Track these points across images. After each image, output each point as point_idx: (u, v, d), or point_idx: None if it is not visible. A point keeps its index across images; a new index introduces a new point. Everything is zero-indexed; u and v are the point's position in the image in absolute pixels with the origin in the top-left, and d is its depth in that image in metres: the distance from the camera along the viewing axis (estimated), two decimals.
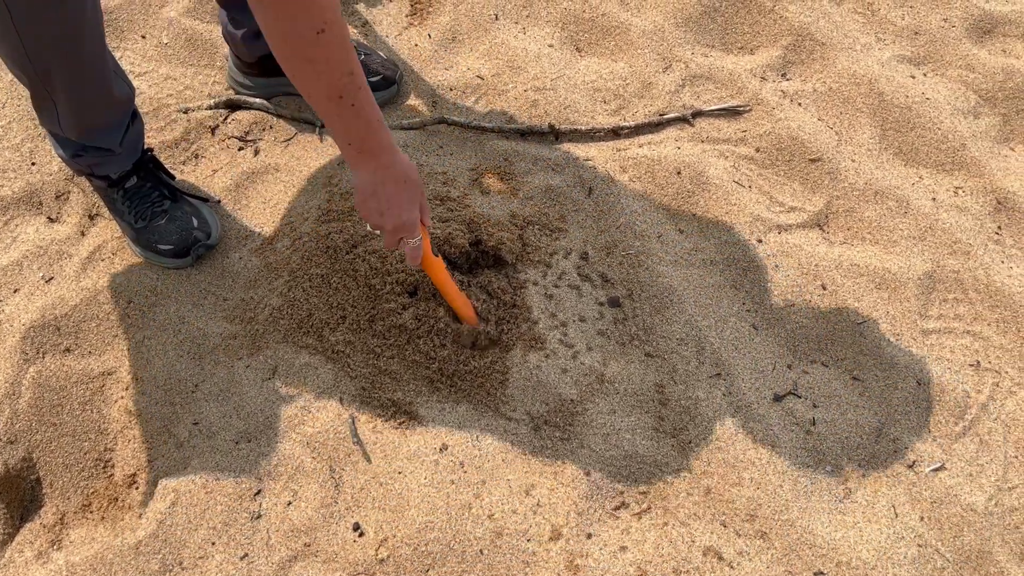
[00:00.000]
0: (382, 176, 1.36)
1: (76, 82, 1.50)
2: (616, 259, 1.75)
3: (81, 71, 1.49)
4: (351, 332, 1.64)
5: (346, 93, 1.25)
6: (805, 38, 2.13)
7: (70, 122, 1.58)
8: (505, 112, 2.01)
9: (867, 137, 1.96)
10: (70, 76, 1.47)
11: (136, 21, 2.16)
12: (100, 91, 1.56)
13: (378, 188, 1.37)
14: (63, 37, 1.40)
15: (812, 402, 1.59)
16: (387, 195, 1.37)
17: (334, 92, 1.25)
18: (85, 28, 1.42)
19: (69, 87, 1.49)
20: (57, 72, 1.45)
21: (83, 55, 1.46)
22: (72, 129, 1.60)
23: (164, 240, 1.74)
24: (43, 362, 1.64)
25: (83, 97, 1.54)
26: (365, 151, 1.33)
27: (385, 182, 1.36)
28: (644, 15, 2.22)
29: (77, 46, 1.44)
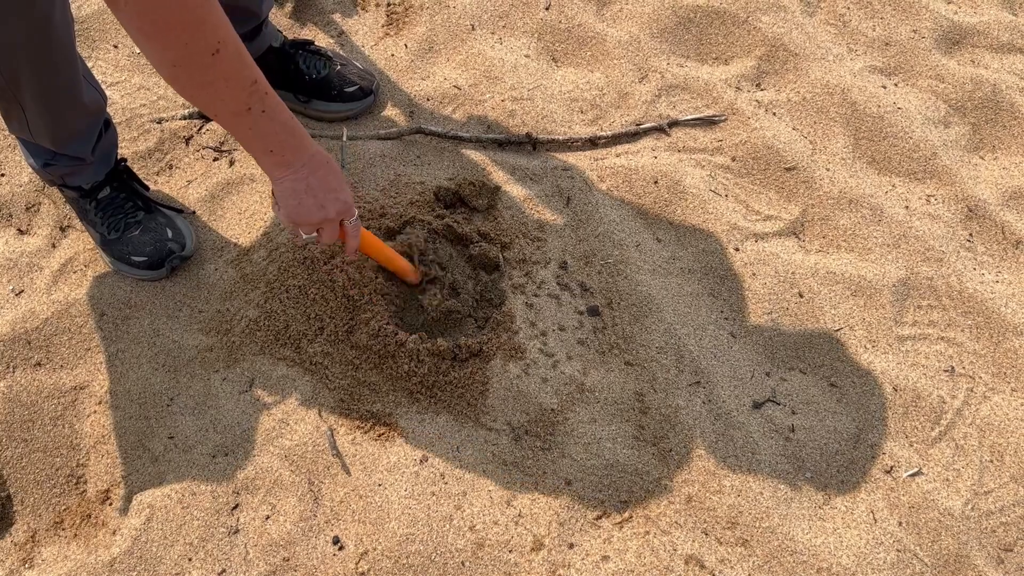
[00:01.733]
0: (310, 168, 1.32)
1: (44, 87, 1.47)
2: (595, 268, 1.76)
3: (49, 76, 1.46)
4: (329, 343, 1.63)
5: (254, 103, 1.21)
6: (779, 48, 2.16)
7: (40, 128, 1.55)
8: (483, 122, 2.01)
9: (841, 146, 1.98)
10: (38, 81, 1.45)
11: (108, 31, 2.13)
12: (69, 97, 1.54)
13: (310, 182, 1.32)
14: (30, 41, 1.37)
15: (791, 409, 1.60)
16: (320, 184, 1.33)
17: (241, 106, 1.20)
18: (53, 32, 1.40)
19: (37, 91, 1.47)
20: (24, 76, 1.42)
21: (51, 60, 1.44)
22: (43, 135, 1.57)
23: (138, 252, 1.71)
24: (13, 376, 1.61)
25: (52, 102, 1.52)
26: (287, 152, 1.29)
27: (315, 172, 1.33)
28: (620, 26, 2.23)
29: (45, 50, 1.41)
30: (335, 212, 1.35)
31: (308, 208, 1.33)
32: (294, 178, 1.31)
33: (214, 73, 1.13)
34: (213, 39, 1.10)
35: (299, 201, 1.33)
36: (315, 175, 1.32)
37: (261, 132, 1.25)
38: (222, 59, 1.12)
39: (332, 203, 1.34)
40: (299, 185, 1.32)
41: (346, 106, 2.00)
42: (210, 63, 1.12)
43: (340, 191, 1.35)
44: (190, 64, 1.11)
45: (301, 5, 2.23)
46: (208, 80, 1.15)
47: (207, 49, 1.10)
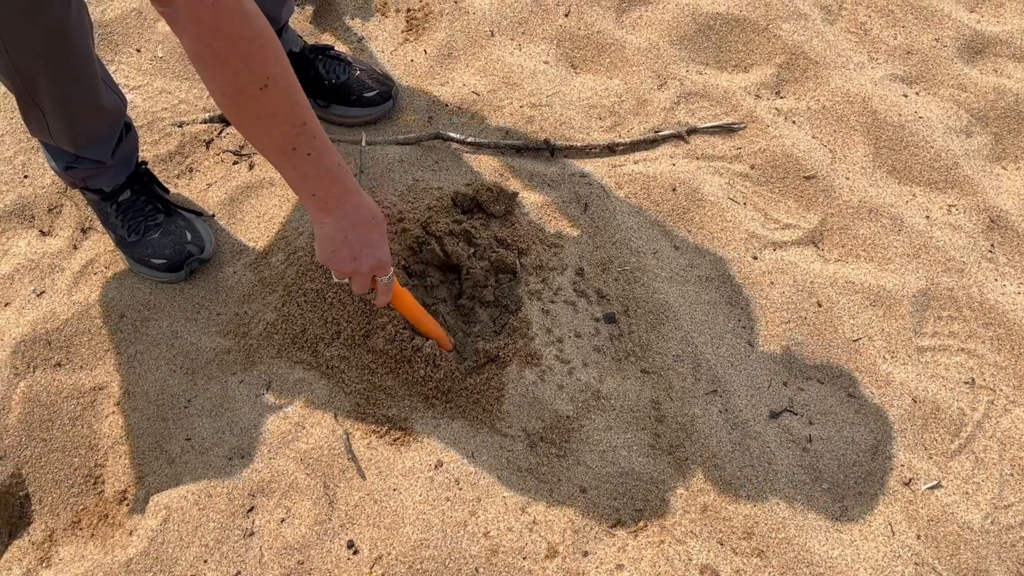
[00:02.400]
0: (351, 221, 1.31)
1: (63, 90, 1.49)
2: (612, 275, 1.75)
3: (67, 79, 1.48)
4: (346, 347, 1.63)
5: (300, 145, 1.20)
6: (799, 56, 2.15)
7: (59, 131, 1.57)
8: (501, 128, 2.01)
9: (861, 155, 1.97)
10: (56, 84, 1.46)
11: (131, 35, 2.15)
12: (89, 100, 1.55)
13: (348, 234, 1.32)
14: (48, 44, 1.39)
15: (808, 419, 1.59)
16: (359, 239, 1.33)
17: (287, 145, 1.20)
18: (71, 35, 1.41)
19: (56, 95, 1.48)
20: (42, 77, 1.44)
21: (69, 63, 1.45)
22: (62, 138, 1.58)
23: (157, 254, 1.73)
24: (33, 376, 1.62)
25: (71, 106, 1.53)
26: (330, 200, 1.28)
27: (356, 226, 1.32)
28: (639, 33, 2.23)
29: (63, 54, 1.43)
30: (367, 268, 1.35)
31: (342, 258, 1.34)
32: (334, 227, 1.31)
33: (261, 108, 1.14)
34: (263, 74, 1.11)
35: (334, 249, 1.33)
36: (355, 229, 1.31)
37: (305, 175, 1.25)
38: (270, 95, 1.13)
39: (367, 258, 1.34)
40: (337, 235, 1.31)
41: (365, 111, 2.01)
42: (257, 96, 1.12)
43: (378, 248, 1.35)
44: (238, 95, 1.13)
45: (321, 10, 2.24)
46: (254, 113, 1.16)
47: (256, 83, 1.11)
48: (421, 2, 2.28)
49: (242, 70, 1.10)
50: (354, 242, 1.32)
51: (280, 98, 1.15)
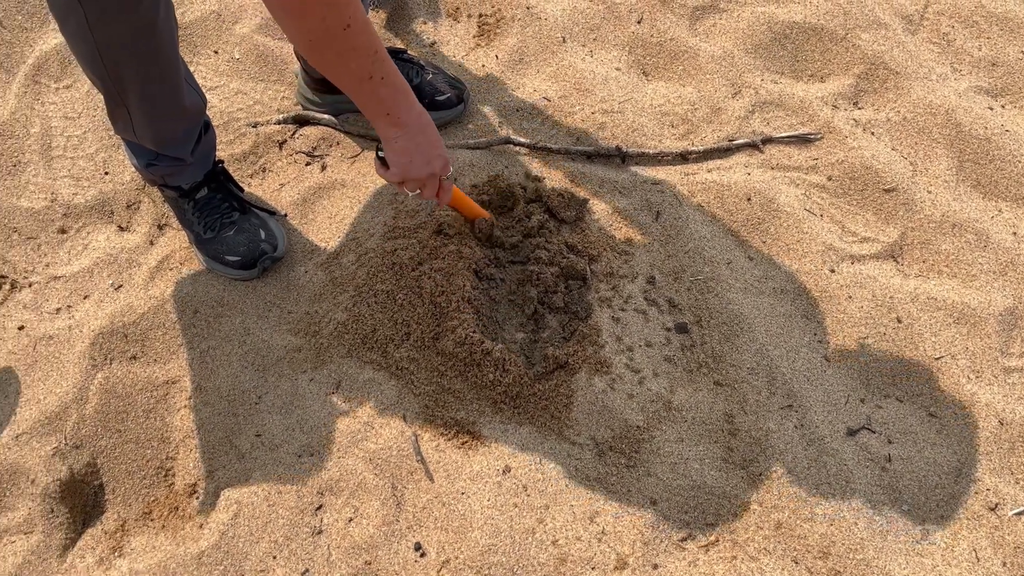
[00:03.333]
0: (419, 127, 1.44)
1: (149, 88, 1.52)
2: (684, 284, 1.72)
3: (153, 77, 1.51)
4: (415, 349, 1.63)
5: (375, 71, 1.32)
6: (878, 67, 2.10)
7: (144, 129, 1.60)
8: (572, 134, 2.00)
9: (944, 168, 1.91)
10: (142, 82, 1.49)
11: (209, 36, 2.19)
12: (172, 99, 1.58)
13: (419, 140, 1.45)
14: (136, 42, 1.42)
15: (887, 438, 1.54)
16: (427, 142, 1.46)
17: (365, 74, 1.32)
18: (157, 34, 1.44)
19: (142, 93, 1.51)
20: (130, 77, 1.47)
21: (157, 63, 1.48)
22: (146, 136, 1.61)
23: (232, 251, 1.75)
24: (110, 368, 1.65)
25: (156, 105, 1.56)
26: (401, 114, 1.41)
27: (423, 131, 1.45)
28: (713, 41, 2.20)
29: (151, 54, 1.46)
30: (439, 167, 1.50)
31: (418, 165, 1.47)
32: (406, 137, 1.44)
33: (345, 45, 1.26)
34: (346, 14, 1.22)
35: (410, 159, 1.46)
36: (423, 134, 1.45)
37: (380, 96, 1.37)
38: (352, 32, 1.24)
39: (436, 159, 1.48)
40: (410, 144, 1.44)
41: (437, 114, 2.01)
42: (342, 36, 1.24)
43: (441, 148, 1.49)
44: (326, 37, 1.23)
45: (395, 15, 2.26)
46: (339, 51, 1.27)
47: (340, 24, 1.22)
48: (493, 7, 2.28)
49: (329, 15, 1.20)
50: (424, 146, 1.46)
51: (360, 33, 1.26)
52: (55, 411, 1.60)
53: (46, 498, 1.51)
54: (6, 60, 2.09)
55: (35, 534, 1.49)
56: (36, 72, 2.07)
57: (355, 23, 1.23)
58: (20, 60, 2.10)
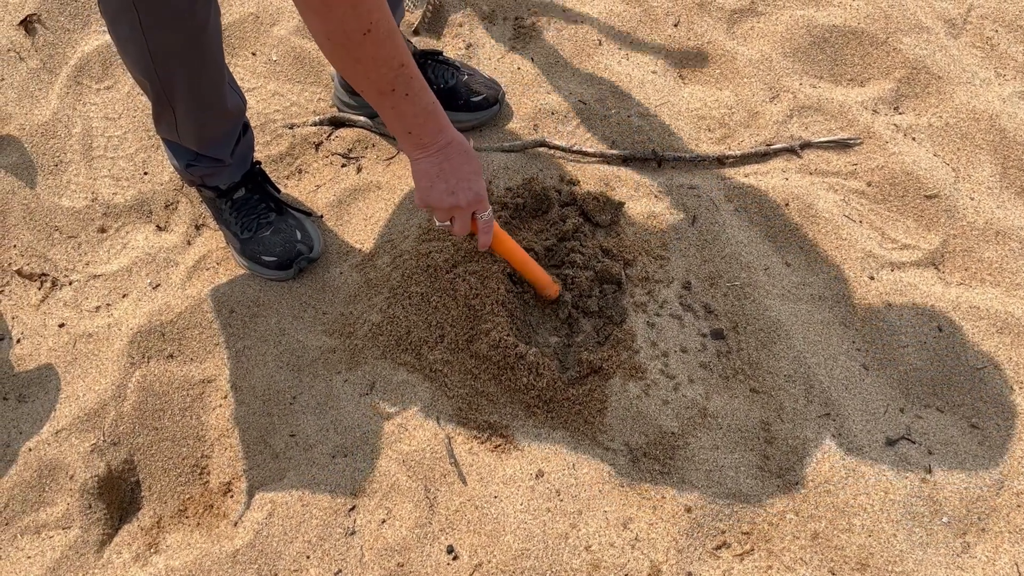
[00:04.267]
0: (445, 154, 1.38)
1: (196, 91, 1.54)
2: (720, 290, 1.71)
3: (201, 80, 1.53)
4: (449, 351, 1.63)
5: (398, 85, 1.28)
6: (920, 71, 2.06)
7: (187, 131, 1.62)
8: (607, 137, 1.99)
9: (987, 175, 1.88)
10: (191, 85, 1.51)
11: (248, 38, 2.21)
12: (216, 102, 1.60)
13: (444, 166, 1.38)
14: (187, 46, 1.44)
15: (927, 448, 1.51)
16: (454, 171, 1.38)
17: (386, 86, 1.27)
18: (208, 40, 1.46)
19: (189, 95, 1.53)
20: (179, 80, 1.49)
21: (204, 65, 1.50)
22: (189, 137, 1.63)
23: (268, 252, 1.76)
24: (148, 366, 1.67)
25: (200, 107, 1.58)
26: (425, 136, 1.35)
27: (449, 158, 1.38)
28: (751, 44, 2.18)
29: (199, 57, 1.48)
30: (465, 201, 1.40)
31: (439, 192, 1.39)
32: (428, 160, 1.38)
33: (364, 51, 1.22)
34: (367, 19, 1.18)
35: (431, 184, 1.39)
36: (449, 160, 1.38)
37: (402, 112, 1.32)
38: (372, 39, 1.20)
39: (463, 191, 1.39)
40: (432, 168, 1.38)
41: (472, 115, 2.02)
42: (361, 41, 1.20)
43: (472, 181, 1.40)
44: (343, 39, 1.20)
45: (432, 17, 2.26)
46: (357, 57, 1.23)
47: (360, 28, 1.18)
48: (530, 10, 2.28)
49: (349, 16, 1.17)
50: (449, 174, 1.38)
51: (382, 42, 1.22)
52: (94, 408, 1.62)
53: (84, 494, 1.53)
54: (49, 61, 2.12)
55: (73, 529, 1.51)
56: (78, 73, 2.10)
57: (377, 30, 1.20)
58: (63, 61, 2.13)
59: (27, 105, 2.04)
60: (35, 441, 1.59)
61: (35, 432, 1.60)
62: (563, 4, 2.26)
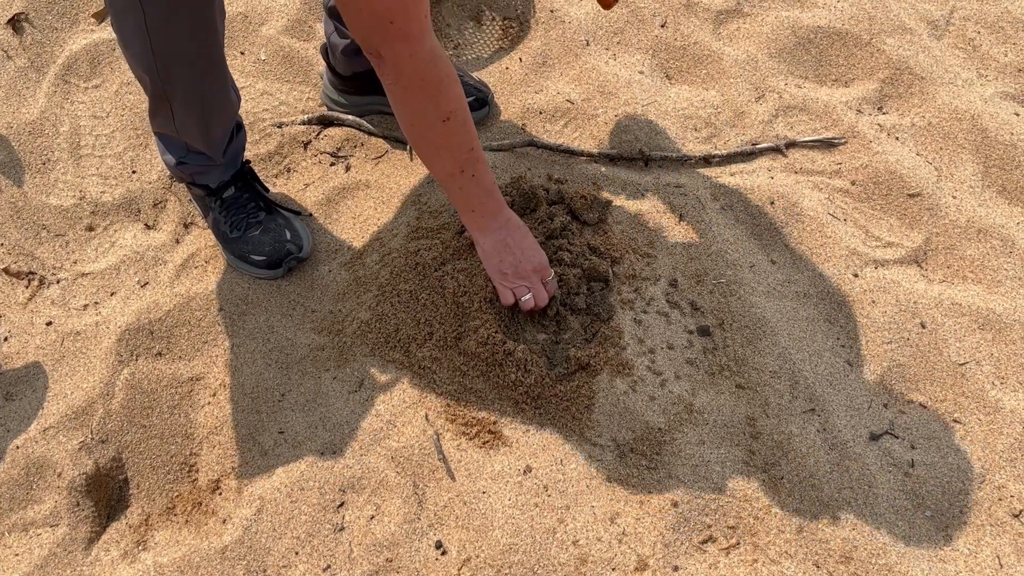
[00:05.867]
0: (507, 230, 1.53)
1: (198, 88, 1.54)
2: (707, 287, 1.72)
3: (205, 77, 1.53)
4: (438, 349, 1.64)
5: (467, 167, 1.42)
6: (903, 72, 2.09)
7: (186, 126, 1.61)
8: (595, 136, 2.01)
9: (969, 174, 1.90)
10: (193, 81, 1.52)
11: (236, 38, 2.22)
12: (219, 96, 1.60)
13: (508, 241, 1.53)
14: (191, 43, 1.44)
15: (910, 443, 1.53)
16: (517, 243, 1.54)
17: (456, 168, 1.41)
18: (212, 36, 1.46)
19: (190, 92, 1.53)
20: (180, 77, 1.49)
21: (208, 62, 1.51)
22: (188, 133, 1.63)
23: (257, 251, 1.76)
24: (136, 364, 1.67)
25: (204, 102, 1.58)
26: (487, 213, 1.50)
27: (511, 233, 1.54)
28: (737, 45, 2.20)
29: (203, 53, 1.48)
30: (532, 268, 1.56)
31: (508, 263, 1.55)
32: (494, 238, 1.54)
33: (440, 137, 1.37)
34: (446, 109, 1.33)
35: (500, 258, 1.55)
36: (512, 236, 1.55)
37: (468, 192, 1.47)
38: (450, 126, 1.35)
39: (528, 261, 1.55)
40: (498, 244, 1.54)
41: None
42: (439, 127, 1.35)
43: (536, 251, 1.57)
44: (423, 126, 1.35)
45: None
46: (434, 142, 1.38)
47: (440, 116, 1.33)
48: (517, 11, 2.29)
49: (430, 107, 1.31)
50: (514, 247, 1.54)
51: (457, 129, 1.36)
52: (82, 406, 1.62)
53: (72, 491, 1.53)
54: (36, 59, 2.12)
55: (61, 527, 1.51)
56: (66, 72, 2.10)
57: (455, 118, 1.31)
58: (50, 60, 2.13)
59: (15, 103, 2.04)
60: (23, 439, 1.59)
61: (23, 430, 1.60)
62: (551, 5, 2.27)
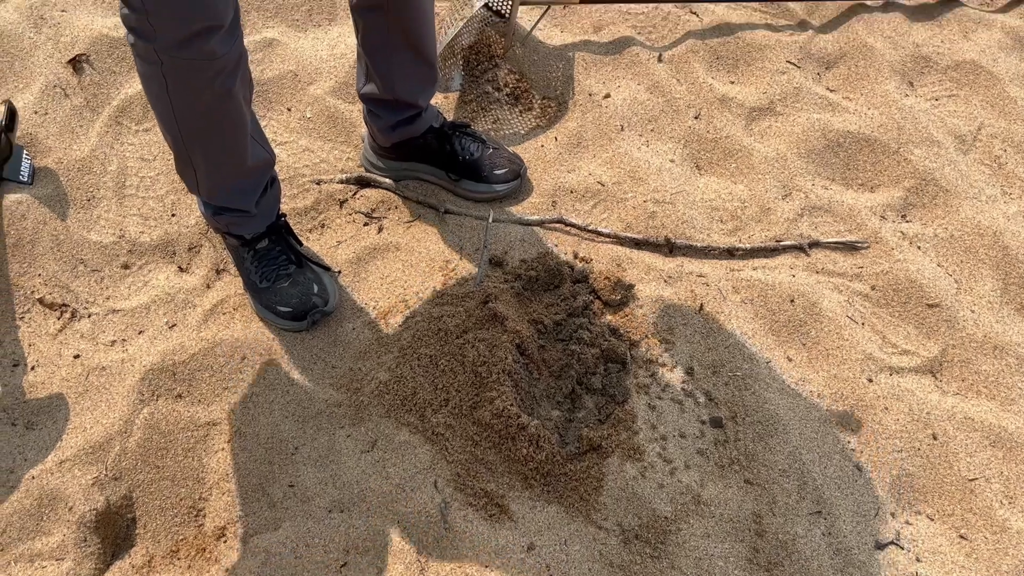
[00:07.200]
0: None
1: (216, 153, 1.60)
2: (722, 379, 1.74)
3: (221, 142, 1.59)
4: (452, 416, 1.66)
5: None
6: (928, 182, 2.13)
7: (207, 185, 1.68)
8: (622, 219, 2.05)
9: (988, 289, 1.93)
10: (210, 146, 1.58)
11: (285, 94, 2.30)
12: (237, 161, 1.65)
13: None
14: (209, 111, 1.50)
15: (915, 555, 1.53)
16: None
17: None
18: (231, 104, 1.52)
19: (208, 155, 1.60)
20: (199, 141, 1.56)
21: (224, 128, 1.56)
22: (207, 191, 1.69)
23: (284, 302, 1.80)
24: (156, 404, 1.70)
25: (220, 165, 1.64)
26: None
27: None
28: (767, 142, 2.26)
29: (220, 120, 1.54)
30: None
31: None
32: None
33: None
34: None
35: None
36: None
37: None
38: None
39: None
40: None
41: (493, 188, 2.08)
42: None
43: None
44: None
45: (464, 92, 2.35)
46: None
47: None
48: (557, 92, 2.36)
49: None
50: None
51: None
52: (99, 441, 1.65)
53: (81, 526, 1.55)
54: (93, 100, 2.20)
55: (66, 561, 1.52)
56: (119, 113, 2.18)
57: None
58: (106, 101, 2.21)
59: (67, 140, 2.11)
60: (39, 469, 1.62)
61: (39, 460, 1.63)
62: (589, 88, 2.35)
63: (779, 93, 2.36)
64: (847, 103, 2.36)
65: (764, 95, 2.36)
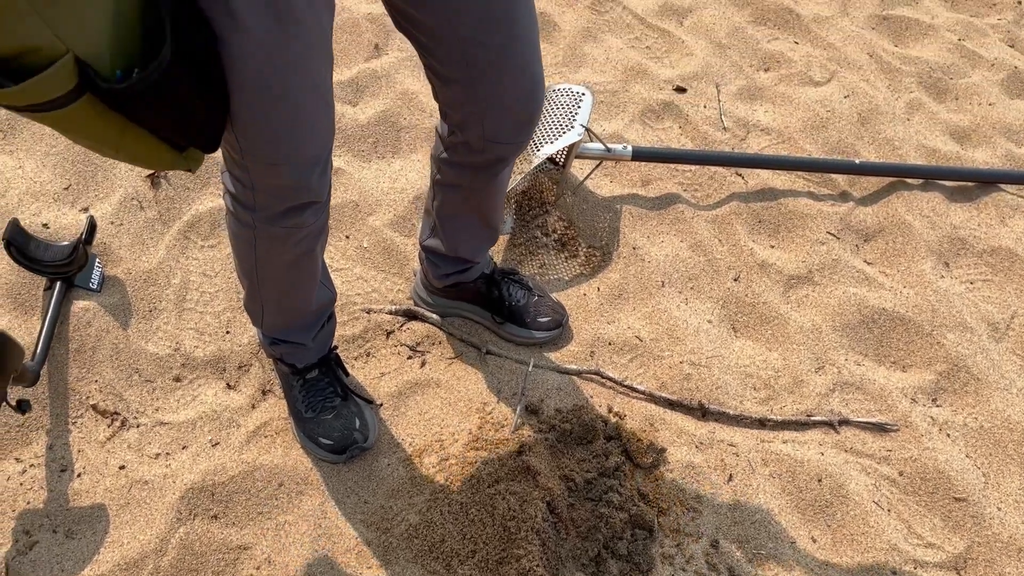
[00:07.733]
0: None
1: (286, 300, 1.70)
2: (746, 555, 1.76)
3: (294, 292, 1.69)
4: (478, 569, 1.69)
5: None
6: (960, 369, 2.18)
7: (270, 324, 1.77)
8: (658, 377, 2.11)
9: (1015, 487, 1.95)
10: (283, 294, 1.68)
11: (345, 222, 2.42)
12: (303, 306, 1.75)
13: None
14: (290, 268, 1.60)
15: None
16: None
17: None
18: (310, 262, 1.63)
19: (279, 301, 1.70)
20: (274, 288, 1.66)
21: (300, 281, 1.66)
22: (270, 328, 1.79)
23: (326, 435, 1.87)
24: (192, 524, 1.75)
25: (288, 310, 1.74)
26: None
27: None
28: (803, 312, 2.33)
29: (299, 275, 1.64)
30: None
31: None
32: None
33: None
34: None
35: None
36: None
37: None
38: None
39: None
40: None
41: (533, 335, 2.16)
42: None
43: None
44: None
45: (513, 239, 2.46)
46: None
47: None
48: (602, 242, 2.46)
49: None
50: None
51: None
52: (135, 558, 1.69)
53: None
54: (165, 214, 2.33)
55: None
56: (188, 228, 2.30)
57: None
58: (177, 216, 2.34)
59: (137, 251, 2.23)
60: None
61: (76, 572, 1.67)
62: (634, 242, 2.45)
63: (818, 263, 2.44)
64: (883, 278, 2.43)
65: (803, 263, 2.45)
